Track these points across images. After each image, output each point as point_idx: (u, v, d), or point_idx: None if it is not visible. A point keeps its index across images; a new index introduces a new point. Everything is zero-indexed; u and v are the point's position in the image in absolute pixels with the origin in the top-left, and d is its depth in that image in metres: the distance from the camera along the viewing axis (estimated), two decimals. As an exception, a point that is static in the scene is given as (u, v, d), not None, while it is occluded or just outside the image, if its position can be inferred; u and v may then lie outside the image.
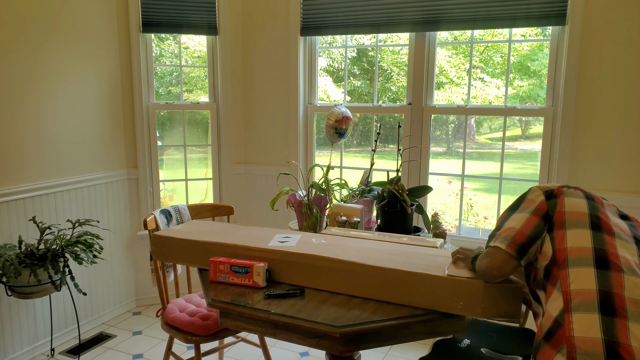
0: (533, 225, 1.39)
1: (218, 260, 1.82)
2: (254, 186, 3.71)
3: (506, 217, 1.47)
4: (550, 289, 1.30)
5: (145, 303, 3.62)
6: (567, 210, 1.38)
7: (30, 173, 2.82)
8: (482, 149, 8.63)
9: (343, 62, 3.67)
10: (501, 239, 1.41)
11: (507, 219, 1.45)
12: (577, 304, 1.21)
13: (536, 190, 1.47)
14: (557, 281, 1.29)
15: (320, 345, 1.50)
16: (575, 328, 1.18)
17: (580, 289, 1.22)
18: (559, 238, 1.34)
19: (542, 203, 1.43)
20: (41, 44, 2.83)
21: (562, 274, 1.28)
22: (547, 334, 1.24)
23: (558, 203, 1.41)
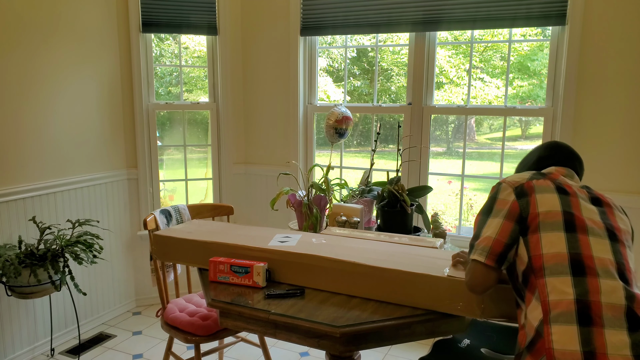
0: (509, 231, 1.35)
1: (218, 260, 1.82)
2: (254, 186, 3.71)
3: (482, 223, 1.41)
4: (529, 297, 1.29)
5: (145, 303, 3.62)
6: (540, 210, 1.33)
7: (30, 173, 2.82)
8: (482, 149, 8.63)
9: (343, 62, 3.67)
10: (479, 250, 1.37)
11: (483, 226, 1.40)
12: (555, 315, 1.20)
13: (506, 188, 1.41)
14: (535, 290, 1.27)
15: (320, 345, 1.50)
16: (554, 340, 1.17)
17: (559, 300, 1.21)
18: (533, 243, 1.31)
19: (514, 204, 1.37)
20: (41, 44, 2.83)
21: (540, 282, 1.26)
22: (529, 344, 1.24)
23: (530, 203, 1.35)
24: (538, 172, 1.48)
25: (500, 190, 1.42)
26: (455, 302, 1.54)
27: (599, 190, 2.74)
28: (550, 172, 1.48)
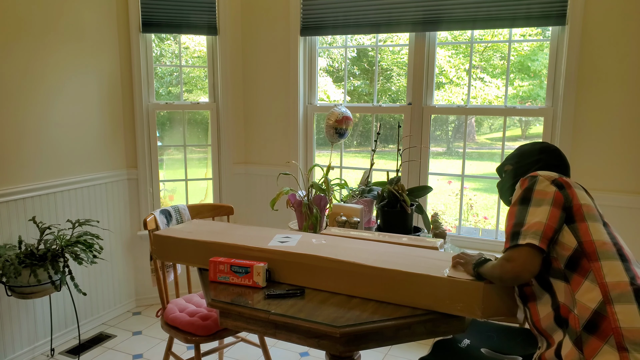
0: (557, 217, 1.39)
1: (218, 260, 1.82)
2: (254, 186, 3.71)
3: (522, 212, 1.42)
4: (579, 280, 1.33)
5: (145, 303, 3.62)
6: (582, 202, 1.41)
7: (30, 173, 2.82)
8: (482, 149, 8.63)
9: (343, 62, 3.67)
10: (531, 234, 1.36)
11: (526, 214, 1.41)
12: (616, 295, 1.29)
13: (543, 181, 1.44)
14: (589, 272, 1.33)
15: (320, 345, 1.50)
16: (620, 319, 1.26)
17: (617, 281, 1.30)
18: (583, 230, 1.37)
19: (557, 194, 1.41)
20: (41, 44, 2.83)
21: (595, 265, 1.32)
22: (588, 325, 1.29)
23: (571, 195, 1.41)
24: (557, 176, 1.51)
25: (537, 182, 1.44)
26: (455, 302, 1.54)
27: (601, 192, 2.75)
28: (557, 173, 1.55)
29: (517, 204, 1.45)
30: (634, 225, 2.66)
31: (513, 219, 1.43)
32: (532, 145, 1.71)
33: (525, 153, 1.70)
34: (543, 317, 1.42)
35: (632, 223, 2.67)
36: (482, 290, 1.50)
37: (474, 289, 1.50)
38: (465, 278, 1.53)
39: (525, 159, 1.69)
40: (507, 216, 1.47)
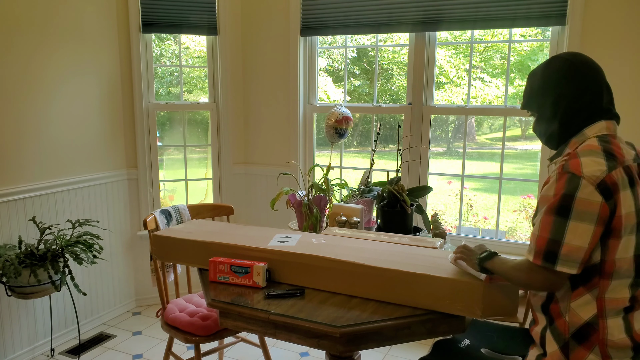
0: (598, 237, 1.24)
1: (218, 260, 1.82)
2: (254, 186, 3.71)
3: (560, 226, 1.22)
4: (582, 291, 1.30)
5: (145, 303, 3.62)
6: (624, 213, 1.24)
7: (30, 173, 2.82)
8: (482, 149, 8.63)
9: (343, 62, 3.67)
10: (571, 263, 1.23)
11: (565, 230, 1.22)
12: (610, 310, 1.29)
13: (587, 185, 1.20)
14: (595, 288, 1.29)
15: (320, 345, 1.50)
16: (609, 332, 1.29)
17: (617, 298, 1.29)
18: (612, 248, 1.25)
19: (604, 208, 1.21)
20: (41, 44, 2.83)
21: (604, 283, 1.28)
22: (577, 335, 1.31)
23: (617, 204, 1.22)
24: (606, 147, 1.28)
25: (580, 187, 1.21)
26: (455, 302, 1.54)
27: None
28: (610, 142, 1.31)
29: (553, 213, 1.23)
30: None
31: (548, 233, 1.24)
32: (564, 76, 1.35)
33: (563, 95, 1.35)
34: (534, 296, 1.43)
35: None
36: (482, 290, 1.49)
37: (474, 288, 1.50)
38: (466, 278, 1.53)
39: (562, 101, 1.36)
40: (541, 224, 1.27)
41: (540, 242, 1.26)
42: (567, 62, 1.36)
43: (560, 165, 1.27)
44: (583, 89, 1.33)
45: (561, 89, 1.35)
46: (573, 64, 1.35)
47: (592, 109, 1.34)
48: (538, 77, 1.41)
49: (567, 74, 1.35)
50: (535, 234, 1.28)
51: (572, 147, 1.36)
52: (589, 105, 1.34)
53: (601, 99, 1.34)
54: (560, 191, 1.23)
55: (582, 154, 1.27)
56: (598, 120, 1.34)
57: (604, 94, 1.35)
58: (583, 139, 1.34)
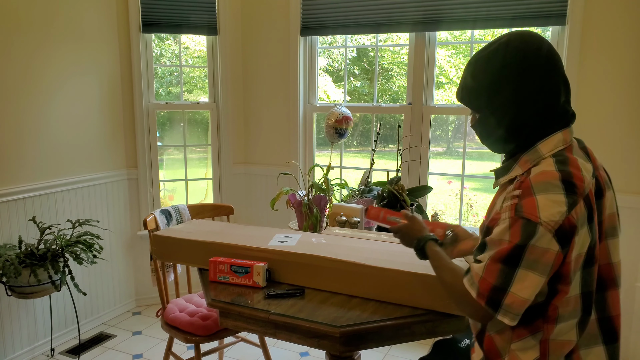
0: (543, 287, 1.11)
1: (218, 260, 1.82)
2: (254, 186, 3.71)
3: (508, 275, 1.06)
4: (524, 333, 1.16)
5: (145, 303, 3.62)
6: (575, 255, 1.08)
7: (30, 173, 2.82)
8: (482, 148, 8.62)
9: (343, 62, 3.67)
10: (511, 315, 1.08)
11: (512, 278, 1.06)
12: (555, 354, 1.15)
13: (544, 234, 1.03)
14: (539, 332, 1.14)
15: (320, 345, 1.50)
16: None
17: (561, 341, 1.14)
18: (560, 294, 1.11)
19: (558, 257, 1.05)
20: (41, 44, 2.83)
21: (549, 327, 1.13)
22: None
23: (570, 248, 1.06)
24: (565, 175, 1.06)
25: (536, 235, 1.03)
26: (455, 302, 1.53)
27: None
28: (568, 162, 1.09)
29: (501, 261, 1.07)
30: (633, 225, 2.66)
31: (493, 279, 1.08)
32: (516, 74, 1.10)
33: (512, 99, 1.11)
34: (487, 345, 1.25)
35: (632, 223, 2.67)
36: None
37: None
38: None
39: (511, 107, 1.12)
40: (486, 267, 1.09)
41: (483, 285, 1.09)
42: (521, 54, 1.09)
43: (513, 205, 1.07)
44: (537, 91, 1.10)
45: (510, 91, 1.11)
46: (526, 57, 1.09)
47: (546, 117, 1.12)
48: (481, 71, 1.14)
49: (520, 72, 1.10)
50: (479, 274, 1.10)
51: (523, 167, 1.14)
52: (543, 112, 1.11)
53: (558, 100, 1.12)
54: (514, 240, 1.05)
55: (537, 188, 1.05)
56: (553, 133, 1.13)
57: (561, 93, 1.12)
58: (537, 158, 1.12)
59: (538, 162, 1.12)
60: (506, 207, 1.09)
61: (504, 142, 1.18)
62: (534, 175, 1.08)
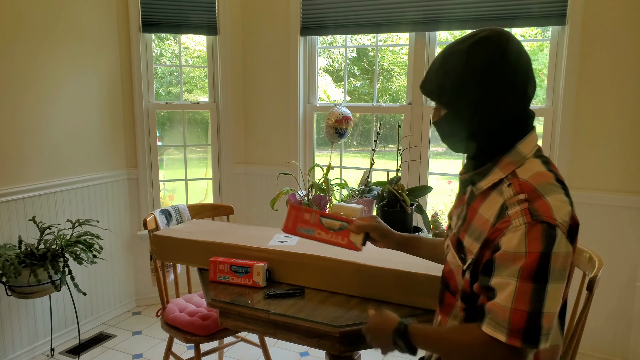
0: None
1: (218, 260, 1.82)
2: (254, 186, 3.71)
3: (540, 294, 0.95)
4: None
5: (145, 303, 3.62)
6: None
7: (30, 173, 2.82)
8: (482, 149, 8.63)
9: (343, 62, 3.67)
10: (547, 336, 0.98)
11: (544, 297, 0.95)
12: None
13: (562, 237, 0.97)
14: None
15: (320, 345, 1.50)
16: None
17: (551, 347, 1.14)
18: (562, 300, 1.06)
19: (572, 258, 1.01)
20: (41, 44, 2.83)
21: None
22: None
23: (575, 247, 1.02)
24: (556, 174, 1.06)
25: (557, 240, 0.96)
26: (455, 302, 1.54)
27: (600, 192, 2.74)
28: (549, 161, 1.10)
29: (531, 279, 0.95)
30: (633, 225, 2.66)
31: (527, 305, 0.95)
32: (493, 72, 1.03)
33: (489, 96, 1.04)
34: None
35: (632, 223, 2.67)
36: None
37: (474, 288, 1.50)
38: None
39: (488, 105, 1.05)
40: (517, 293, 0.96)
41: (516, 318, 0.96)
42: (499, 51, 1.03)
43: (525, 209, 0.98)
44: (513, 89, 1.05)
45: (486, 88, 1.04)
46: (505, 54, 1.03)
47: (522, 115, 1.08)
48: (458, 65, 1.05)
49: (498, 68, 1.03)
50: (508, 307, 0.97)
51: (505, 169, 1.07)
52: (519, 111, 1.07)
53: (531, 100, 1.09)
54: (537, 249, 0.95)
55: (542, 190, 1.00)
56: (530, 131, 1.09)
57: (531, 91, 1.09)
58: (520, 160, 1.07)
59: (522, 164, 1.07)
60: (515, 212, 0.99)
61: (470, 142, 1.10)
62: (532, 176, 1.03)
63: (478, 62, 1.03)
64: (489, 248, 1.03)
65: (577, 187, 2.77)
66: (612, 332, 2.78)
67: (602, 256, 2.76)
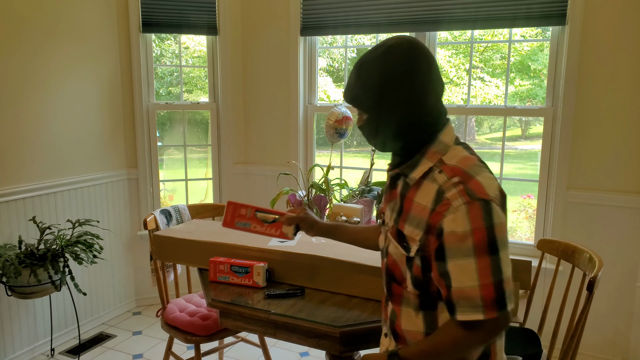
0: None
1: (218, 260, 1.82)
2: (254, 186, 3.71)
3: (497, 263, 1.05)
4: None
5: (145, 303, 3.62)
6: None
7: (30, 173, 2.82)
8: (482, 149, 8.63)
9: (343, 62, 3.67)
10: (511, 297, 1.07)
11: (501, 265, 1.06)
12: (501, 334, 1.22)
13: (497, 209, 1.07)
14: None
15: (320, 345, 1.50)
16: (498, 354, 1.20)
17: None
18: None
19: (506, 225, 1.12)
20: (41, 44, 2.83)
21: None
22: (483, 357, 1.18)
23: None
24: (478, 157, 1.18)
25: (493, 213, 1.06)
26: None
27: (600, 192, 2.74)
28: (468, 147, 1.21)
29: (486, 253, 1.04)
30: (633, 225, 2.66)
31: (490, 277, 1.04)
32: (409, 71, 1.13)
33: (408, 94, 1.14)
34: (409, 330, 1.21)
35: (632, 223, 2.67)
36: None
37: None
38: None
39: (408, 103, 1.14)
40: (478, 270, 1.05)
41: (487, 291, 1.04)
42: (408, 57, 1.13)
43: (461, 191, 1.07)
44: (424, 89, 1.14)
45: (400, 91, 1.13)
46: (415, 55, 1.13)
47: (436, 111, 1.18)
48: (371, 73, 1.15)
49: (413, 68, 1.13)
50: (475, 285, 1.04)
51: (432, 158, 1.16)
52: (433, 107, 1.17)
53: (440, 96, 1.20)
54: (481, 224, 1.04)
55: (472, 171, 1.10)
56: (447, 123, 1.20)
57: (440, 90, 1.20)
58: (444, 148, 1.16)
59: (447, 151, 1.16)
60: (453, 194, 1.07)
61: (394, 140, 1.19)
62: (459, 161, 1.13)
63: (389, 68, 1.13)
64: (432, 233, 1.10)
65: (577, 187, 2.77)
66: (612, 332, 2.78)
67: (602, 256, 2.76)
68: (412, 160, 1.18)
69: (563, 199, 2.79)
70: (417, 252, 1.14)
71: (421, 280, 1.15)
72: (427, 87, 1.15)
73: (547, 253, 2.08)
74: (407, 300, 1.20)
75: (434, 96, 1.16)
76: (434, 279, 1.12)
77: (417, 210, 1.14)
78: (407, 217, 1.17)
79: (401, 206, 1.20)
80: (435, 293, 1.15)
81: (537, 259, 2.89)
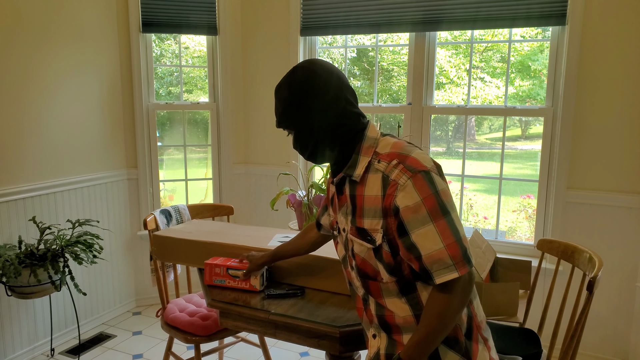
0: None
1: (214, 263, 1.78)
2: (254, 186, 3.71)
3: (453, 223, 1.15)
4: None
5: (145, 303, 3.62)
6: None
7: (30, 173, 2.82)
8: (482, 149, 8.63)
9: (343, 62, 3.67)
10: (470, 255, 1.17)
11: (456, 225, 1.15)
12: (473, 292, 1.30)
13: (436, 177, 1.18)
14: None
15: (320, 345, 1.50)
16: (477, 314, 1.26)
17: None
18: None
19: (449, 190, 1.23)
20: (41, 44, 2.83)
21: None
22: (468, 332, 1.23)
23: None
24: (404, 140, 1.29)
25: (435, 180, 1.16)
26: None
27: (601, 192, 2.74)
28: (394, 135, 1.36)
29: (441, 214, 1.14)
30: (634, 225, 2.66)
31: (452, 236, 1.13)
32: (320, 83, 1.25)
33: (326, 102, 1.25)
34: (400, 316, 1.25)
35: (632, 223, 2.67)
36: (482, 290, 1.49)
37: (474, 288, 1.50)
38: None
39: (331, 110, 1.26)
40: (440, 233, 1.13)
41: (453, 250, 1.12)
42: (310, 67, 1.27)
43: (403, 169, 1.17)
44: (333, 97, 1.26)
45: (311, 104, 1.25)
46: (315, 69, 1.27)
47: (353, 114, 1.28)
48: (284, 90, 1.28)
49: (314, 80, 1.25)
50: (440, 246, 1.12)
51: (367, 153, 1.25)
52: (348, 111, 1.27)
53: (353, 101, 1.30)
54: (428, 192, 1.14)
55: (405, 151, 1.21)
56: (367, 122, 1.31)
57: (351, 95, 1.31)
58: (374, 142, 1.27)
59: (377, 144, 1.27)
60: (397, 175, 1.17)
61: (325, 147, 1.30)
62: (392, 147, 1.24)
63: (294, 83, 1.26)
64: (390, 215, 1.19)
65: (577, 187, 2.77)
66: (612, 332, 2.78)
67: (602, 256, 2.76)
68: (351, 161, 1.28)
69: (563, 199, 2.79)
70: (383, 237, 1.21)
71: (393, 265, 1.22)
72: (333, 96, 1.26)
73: (547, 253, 2.08)
74: (387, 291, 1.25)
75: (343, 101, 1.27)
76: (403, 255, 1.19)
77: (370, 201, 1.22)
78: (362, 212, 1.25)
79: (354, 205, 1.27)
80: (409, 276, 1.21)
81: (537, 259, 2.90)
